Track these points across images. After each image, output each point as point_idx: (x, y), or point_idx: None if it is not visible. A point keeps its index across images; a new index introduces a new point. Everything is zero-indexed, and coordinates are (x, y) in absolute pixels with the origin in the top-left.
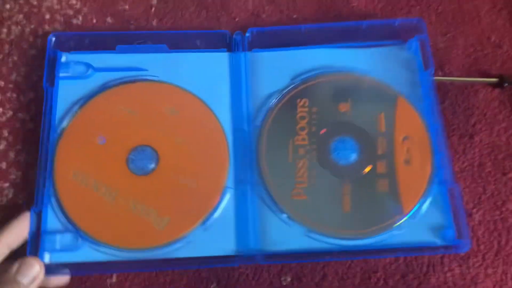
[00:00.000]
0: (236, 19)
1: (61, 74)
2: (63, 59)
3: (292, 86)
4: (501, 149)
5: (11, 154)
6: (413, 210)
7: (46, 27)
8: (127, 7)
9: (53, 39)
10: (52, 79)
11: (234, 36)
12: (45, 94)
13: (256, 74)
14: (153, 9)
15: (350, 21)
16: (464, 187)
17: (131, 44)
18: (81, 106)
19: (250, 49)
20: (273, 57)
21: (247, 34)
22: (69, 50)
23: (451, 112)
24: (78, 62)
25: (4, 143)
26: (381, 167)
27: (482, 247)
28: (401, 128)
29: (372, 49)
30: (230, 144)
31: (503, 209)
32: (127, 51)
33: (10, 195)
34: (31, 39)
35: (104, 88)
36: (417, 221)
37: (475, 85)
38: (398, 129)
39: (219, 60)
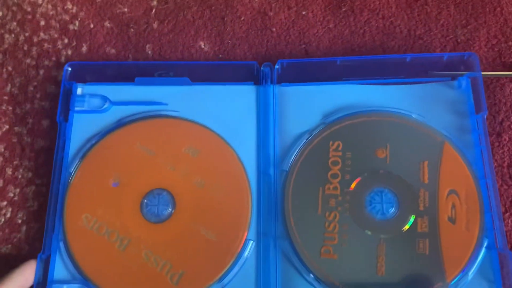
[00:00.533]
0: (242, 18)
1: (76, 108)
2: (79, 91)
3: (324, 126)
4: None
5: (8, 171)
6: (457, 278)
7: (41, 34)
8: (126, 9)
9: (69, 69)
10: (67, 113)
11: (262, 68)
12: (59, 129)
13: (285, 111)
14: (153, 10)
15: (392, 55)
16: None
17: (151, 76)
18: (95, 144)
19: (279, 82)
20: (304, 92)
21: (277, 66)
22: (84, 81)
23: None
24: (94, 95)
25: (0, 159)
26: (422, 225)
27: None
28: (447, 180)
29: (416, 86)
30: (253, 190)
31: None
32: (147, 83)
33: (8, 215)
34: (25, 47)
35: (120, 124)
36: None
37: (501, 79)
38: (443, 181)
39: (246, 94)
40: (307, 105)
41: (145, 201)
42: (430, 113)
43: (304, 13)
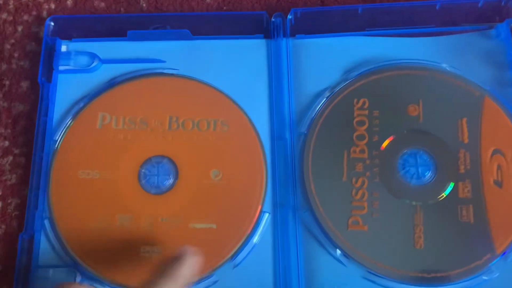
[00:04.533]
0: None
1: (60, 67)
2: (63, 48)
3: (347, 82)
4: None
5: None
6: (508, 249)
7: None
8: None
9: (51, 24)
10: (50, 73)
11: (273, 18)
12: (41, 91)
13: (301, 67)
14: None
15: (420, 1)
16: None
17: (146, 30)
18: (83, 107)
19: (293, 35)
20: (322, 45)
21: (290, 16)
22: (70, 37)
23: None
24: (81, 52)
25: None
26: (464, 190)
27: None
28: (490, 139)
29: (449, 37)
30: (267, 156)
31: None
32: (141, 38)
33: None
34: (1, 1)
35: (112, 84)
36: None
37: None
38: (485, 140)
39: (255, 49)
40: (326, 60)
41: (143, 170)
42: (466, 65)
43: None
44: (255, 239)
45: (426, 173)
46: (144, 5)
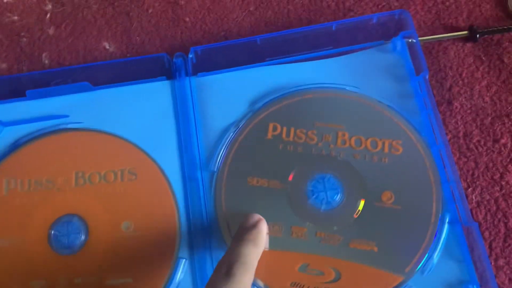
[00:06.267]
0: (150, 11)
1: None
2: None
3: (253, 114)
4: (487, 112)
5: None
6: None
7: None
8: (15, 17)
9: None
10: None
11: (174, 59)
12: None
13: (207, 104)
14: (48, 15)
15: (316, 25)
16: None
17: (45, 87)
18: None
19: (195, 73)
20: (225, 79)
21: (190, 55)
22: None
23: None
24: None
25: None
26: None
27: (486, 234)
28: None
29: (349, 56)
30: (180, 199)
31: (503, 183)
32: (41, 96)
33: None
34: None
35: (16, 146)
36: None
37: (443, 43)
38: None
39: (158, 91)
40: (231, 94)
41: (52, 232)
42: (367, 81)
43: None
44: (174, 287)
45: (334, 197)
46: (46, 61)
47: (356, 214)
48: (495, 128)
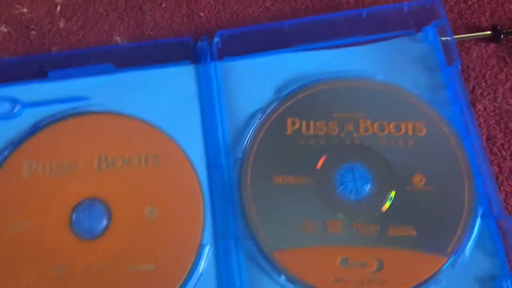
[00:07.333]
0: (163, 5)
1: None
2: None
3: (280, 101)
4: (511, 115)
5: None
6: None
7: None
8: (25, 10)
9: None
10: None
11: (199, 43)
12: None
13: (232, 90)
14: (58, 7)
15: (345, 11)
16: None
17: (67, 68)
18: (7, 156)
19: (220, 58)
20: (251, 65)
21: (216, 39)
22: None
23: None
24: (0, 98)
25: None
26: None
27: None
28: None
29: (378, 44)
30: (205, 186)
31: None
32: (62, 77)
33: None
34: None
35: (36, 128)
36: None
37: (465, 43)
38: None
39: (182, 76)
40: (257, 80)
41: (74, 216)
42: (398, 71)
43: None
44: (197, 274)
45: (365, 186)
46: (34, 32)
47: (389, 200)
48: None
